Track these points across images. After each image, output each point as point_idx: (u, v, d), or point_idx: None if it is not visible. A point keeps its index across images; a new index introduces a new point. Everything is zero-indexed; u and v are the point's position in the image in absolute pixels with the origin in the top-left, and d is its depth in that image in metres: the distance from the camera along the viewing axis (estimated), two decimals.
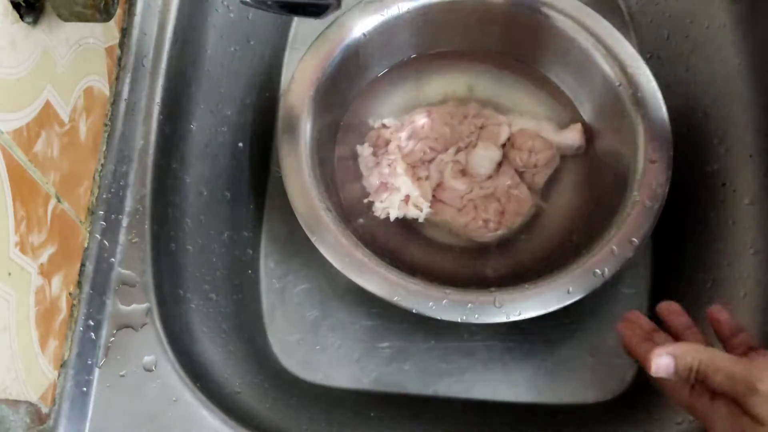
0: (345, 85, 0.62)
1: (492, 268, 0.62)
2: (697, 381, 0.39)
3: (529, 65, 0.65)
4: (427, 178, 0.63)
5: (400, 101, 0.67)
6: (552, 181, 0.64)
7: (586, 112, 0.64)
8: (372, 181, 0.63)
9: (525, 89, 0.67)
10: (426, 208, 0.62)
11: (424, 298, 0.52)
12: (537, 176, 0.64)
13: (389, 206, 0.62)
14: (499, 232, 0.62)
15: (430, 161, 0.64)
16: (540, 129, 0.64)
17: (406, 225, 0.64)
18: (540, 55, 0.62)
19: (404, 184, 0.62)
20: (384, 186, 0.63)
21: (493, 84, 0.67)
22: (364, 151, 0.64)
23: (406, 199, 0.62)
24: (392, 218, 0.62)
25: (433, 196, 0.63)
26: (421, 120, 0.64)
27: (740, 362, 0.38)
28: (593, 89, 0.62)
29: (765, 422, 0.36)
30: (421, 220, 0.63)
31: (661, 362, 0.40)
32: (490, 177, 0.63)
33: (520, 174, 0.64)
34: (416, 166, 0.63)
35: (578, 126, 0.63)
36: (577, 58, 0.61)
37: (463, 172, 0.63)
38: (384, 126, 0.65)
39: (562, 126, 0.64)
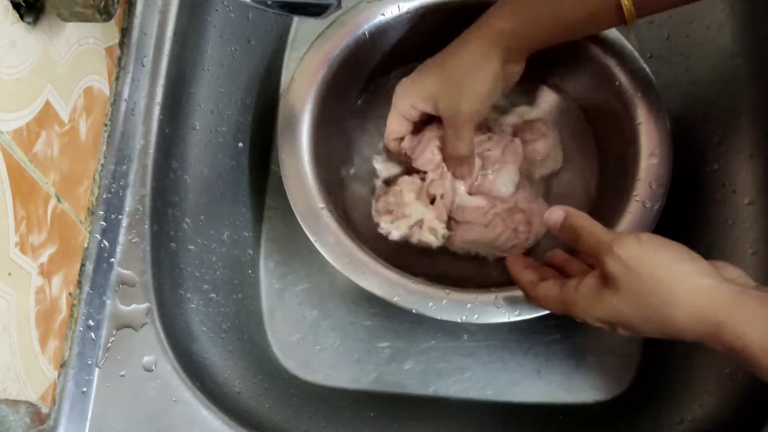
0: (346, 85, 0.62)
1: (493, 269, 0.62)
2: (572, 240, 0.47)
3: (529, 65, 0.65)
4: (442, 196, 0.60)
5: None
6: (552, 181, 0.64)
7: (586, 112, 0.64)
8: (378, 207, 0.62)
9: (525, 89, 0.67)
10: (442, 230, 0.60)
11: (424, 298, 0.52)
12: (541, 168, 0.63)
13: (394, 229, 0.60)
14: (530, 242, 0.60)
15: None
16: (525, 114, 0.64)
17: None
18: (540, 55, 0.62)
19: (415, 210, 0.60)
20: (389, 213, 0.61)
21: None
22: (377, 182, 0.64)
23: (420, 223, 0.60)
24: (393, 238, 0.60)
25: (452, 218, 0.60)
26: (435, 134, 0.60)
27: (610, 232, 0.44)
28: (593, 89, 0.62)
29: (614, 278, 0.42)
30: (435, 245, 0.60)
31: (555, 214, 0.47)
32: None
33: (528, 178, 0.63)
34: (431, 184, 0.60)
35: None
36: (576, 58, 0.61)
37: (476, 188, 0.61)
38: (376, 175, 0.64)
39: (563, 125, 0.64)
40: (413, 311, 0.52)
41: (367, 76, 0.65)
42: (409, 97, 0.57)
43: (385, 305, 0.52)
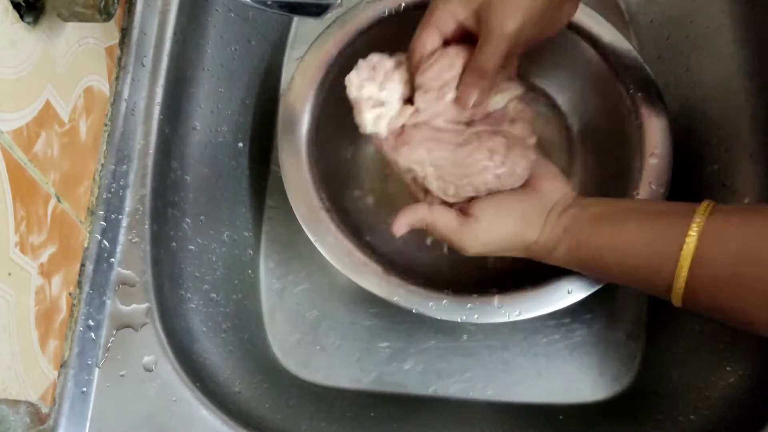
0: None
1: (492, 269, 0.62)
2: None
3: (529, 65, 0.65)
4: (416, 111, 0.50)
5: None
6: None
7: (586, 113, 0.64)
8: (361, 64, 0.51)
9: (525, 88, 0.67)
10: (383, 129, 0.50)
11: (424, 298, 0.52)
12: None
13: (356, 87, 0.50)
14: (507, 168, 0.49)
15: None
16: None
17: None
18: (540, 55, 0.62)
19: (390, 89, 0.50)
20: (372, 70, 0.51)
21: None
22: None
23: (377, 104, 0.50)
24: (349, 93, 0.50)
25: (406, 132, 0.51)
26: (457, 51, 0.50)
27: (457, 219, 0.51)
28: (593, 89, 0.62)
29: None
30: (363, 130, 0.50)
31: (400, 228, 0.51)
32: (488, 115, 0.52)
33: None
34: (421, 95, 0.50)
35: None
36: (577, 58, 0.61)
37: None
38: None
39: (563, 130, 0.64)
40: (413, 311, 0.52)
41: None
42: (450, 5, 0.48)
43: (385, 305, 0.52)
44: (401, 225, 0.51)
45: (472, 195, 0.51)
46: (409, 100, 0.51)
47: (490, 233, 0.50)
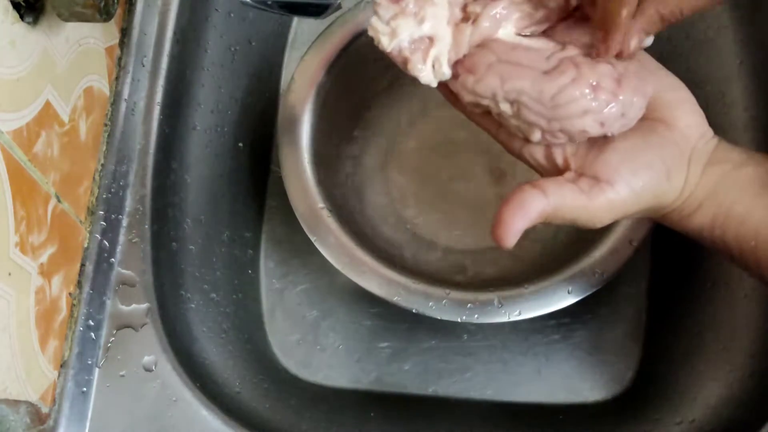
0: (346, 85, 0.62)
1: (490, 270, 0.62)
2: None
3: None
4: (474, 21, 0.38)
5: (401, 101, 0.67)
6: None
7: None
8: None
9: None
10: (446, 69, 0.38)
11: (424, 298, 0.52)
12: None
13: (387, 34, 0.38)
14: (614, 113, 0.36)
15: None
16: None
17: (406, 227, 0.63)
18: None
19: (435, 18, 0.38)
20: (395, 1, 0.38)
21: None
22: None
23: (426, 43, 0.38)
24: (383, 47, 0.38)
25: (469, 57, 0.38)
26: None
27: (580, 189, 0.37)
28: None
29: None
30: (427, 82, 0.38)
31: (511, 238, 0.36)
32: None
33: None
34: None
35: None
36: None
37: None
38: None
39: None
40: (413, 311, 0.52)
41: (367, 76, 0.65)
42: None
43: (385, 305, 0.52)
44: (512, 233, 0.36)
45: (563, 142, 0.38)
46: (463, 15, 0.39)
47: (629, 200, 0.37)
